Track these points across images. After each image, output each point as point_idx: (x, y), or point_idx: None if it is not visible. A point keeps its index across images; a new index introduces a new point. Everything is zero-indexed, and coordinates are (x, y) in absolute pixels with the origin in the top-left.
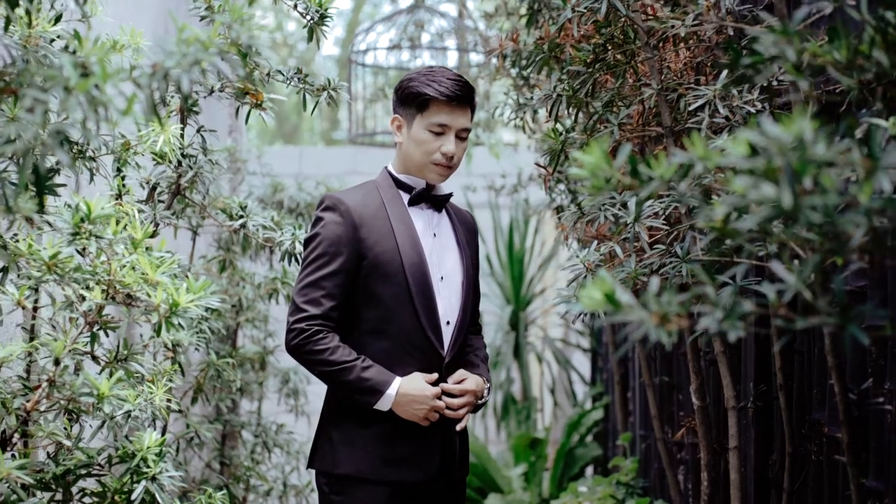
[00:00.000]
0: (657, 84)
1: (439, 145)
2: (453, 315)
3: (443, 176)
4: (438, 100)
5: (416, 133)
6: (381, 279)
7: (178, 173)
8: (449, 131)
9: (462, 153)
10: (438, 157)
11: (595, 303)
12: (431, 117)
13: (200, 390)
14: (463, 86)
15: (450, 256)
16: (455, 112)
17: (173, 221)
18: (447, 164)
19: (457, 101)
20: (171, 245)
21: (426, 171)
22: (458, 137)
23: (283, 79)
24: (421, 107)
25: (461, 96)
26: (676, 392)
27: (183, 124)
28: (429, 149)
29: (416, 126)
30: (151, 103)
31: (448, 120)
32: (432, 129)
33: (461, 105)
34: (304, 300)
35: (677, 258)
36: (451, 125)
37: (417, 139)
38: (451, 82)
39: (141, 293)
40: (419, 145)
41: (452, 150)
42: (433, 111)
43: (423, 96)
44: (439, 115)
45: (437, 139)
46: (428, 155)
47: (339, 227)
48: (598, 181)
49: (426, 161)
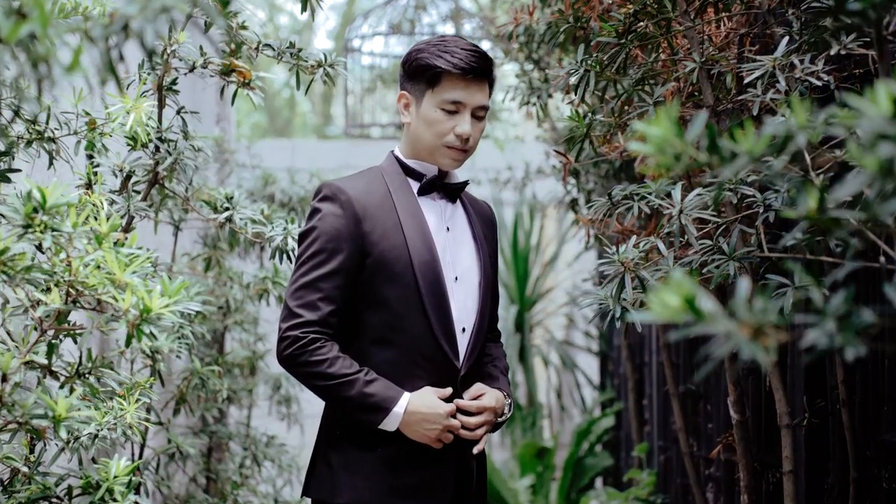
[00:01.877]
0: (699, 57)
1: (453, 125)
2: (469, 320)
3: (457, 161)
4: (452, 73)
5: (427, 112)
6: (386, 279)
7: (156, 160)
8: (464, 109)
9: (479, 135)
10: (452, 139)
11: (670, 311)
12: (444, 93)
13: (183, 401)
14: (480, 57)
15: (465, 253)
16: (471, 87)
17: (150, 214)
18: (462, 146)
19: (473, 74)
20: (152, 242)
21: (438, 155)
22: (474, 117)
23: (272, 54)
24: (432, 81)
25: (477, 69)
26: (704, 402)
27: (161, 105)
28: (441, 129)
29: (426, 103)
30: (108, 60)
31: (463, 96)
32: (445, 107)
33: (477, 79)
34: (298, 304)
35: (723, 255)
36: (467, 102)
37: (428, 118)
38: (466, 53)
39: (107, 296)
40: (430, 126)
41: (468, 130)
42: (446, 86)
43: (434, 69)
44: (453, 90)
45: (450, 118)
46: (440, 136)
47: (338, 219)
48: (666, 158)
49: (438, 143)
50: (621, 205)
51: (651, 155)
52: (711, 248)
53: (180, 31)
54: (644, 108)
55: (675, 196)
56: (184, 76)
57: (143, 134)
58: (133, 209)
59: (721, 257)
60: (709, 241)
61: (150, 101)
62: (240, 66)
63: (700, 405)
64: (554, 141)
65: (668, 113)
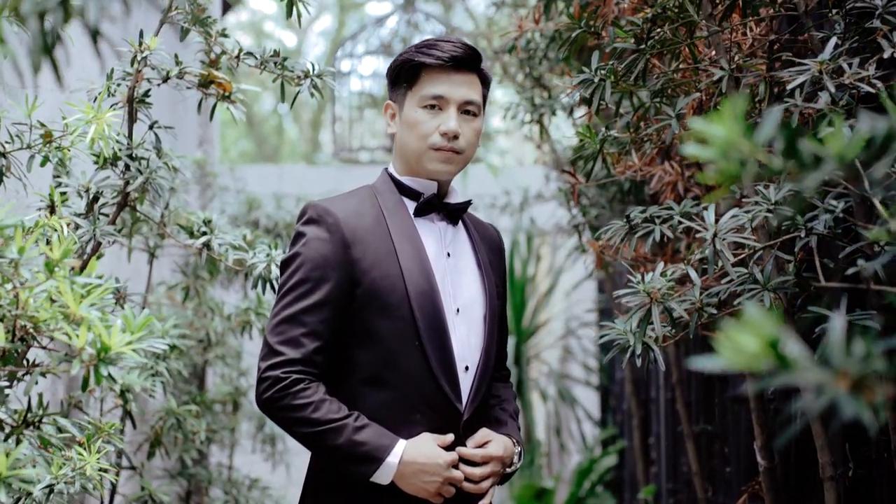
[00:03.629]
0: (728, 65)
1: (437, 124)
2: (473, 358)
3: (448, 164)
4: (431, 66)
5: (408, 113)
6: (379, 312)
7: (126, 180)
8: (447, 105)
9: (473, 135)
10: (437, 138)
11: (747, 356)
12: (423, 89)
13: (158, 443)
14: (463, 47)
15: (468, 282)
16: (454, 80)
17: (119, 239)
18: (451, 146)
19: (455, 64)
20: (126, 271)
21: (426, 160)
22: (463, 113)
23: (255, 63)
24: (411, 79)
25: (460, 58)
26: (721, 444)
27: (131, 119)
28: (424, 130)
29: (407, 105)
30: (42, 41)
31: (445, 90)
32: (426, 104)
33: (461, 71)
34: (279, 340)
35: (756, 284)
36: (450, 97)
37: (409, 120)
38: (448, 45)
39: (60, 333)
40: (412, 128)
41: (453, 126)
42: (425, 82)
43: (411, 63)
44: (433, 84)
45: (433, 117)
46: (423, 138)
47: (325, 244)
48: (731, 165)
49: (423, 147)
50: (640, 228)
51: (712, 160)
52: (746, 277)
53: (152, 37)
54: (665, 121)
55: (709, 218)
56: (159, 89)
57: (106, 148)
58: (100, 234)
59: (754, 286)
60: (744, 269)
61: (117, 113)
62: (219, 77)
63: (716, 447)
64: (555, 163)
65: (734, 108)
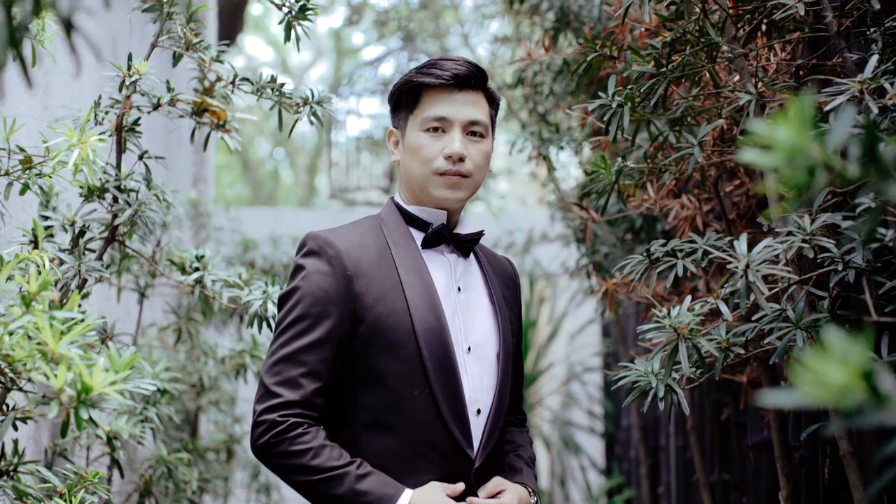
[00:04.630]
0: (754, 89)
1: (440, 147)
2: (486, 401)
3: (455, 189)
4: (432, 86)
5: (410, 139)
6: (384, 351)
7: (114, 212)
8: (451, 127)
9: (481, 158)
10: (441, 162)
11: (833, 391)
12: (425, 111)
13: (148, 493)
14: (466, 64)
15: (481, 319)
16: (457, 100)
17: (106, 275)
18: (457, 170)
19: (457, 83)
20: (115, 312)
21: (431, 187)
22: (469, 134)
23: (250, 89)
24: (411, 102)
25: (463, 76)
26: (740, 494)
27: (120, 148)
28: (427, 154)
29: (409, 130)
30: (9, 33)
31: (448, 111)
32: (428, 127)
33: (465, 90)
34: (276, 381)
35: (789, 323)
36: (453, 118)
37: (412, 146)
38: (449, 62)
39: (37, 373)
40: (415, 153)
41: (458, 148)
42: (426, 104)
43: (411, 85)
44: (435, 105)
45: (436, 140)
46: (427, 163)
47: (325, 278)
48: (798, 173)
49: (427, 172)
50: (662, 263)
51: (776, 168)
52: (777, 314)
53: (142, 60)
54: (687, 150)
55: (741, 248)
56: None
57: (91, 176)
58: (85, 270)
59: (786, 325)
60: (776, 305)
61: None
62: (213, 104)
63: (734, 497)
64: (560, 202)
65: (802, 108)
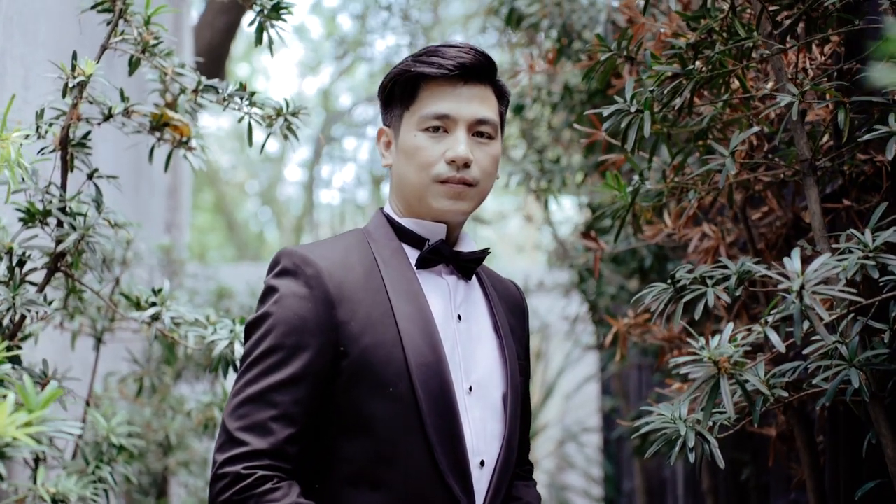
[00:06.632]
0: (796, 89)
1: (442, 150)
2: (490, 450)
3: (459, 200)
4: (432, 77)
5: (406, 139)
6: (371, 390)
7: (57, 238)
8: (454, 126)
9: (489, 163)
10: (442, 168)
11: None
12: (424, 108)
13: None
14: (472, 52)
15: (484, 353)
16: (462, 94)
17: (46, 309)
18: (459, 177)
19: (462, 74)
20: (71, 361)
21: (430, 197)
22: (475, 135)
23: (215, 98)
24: (407, 97)
25: (469, 66)
26: None
27: (66, 166)
28: (425, 158)
29: (403, 129)
30: None
31: (451, 107)
32: (427, 126)
33: (471, 83)
34: (242, 425)
35: (842, 361)
36: (457, 115)
37: (408, 147)
38: (453, 50)
39: None
40: (411, 156)
41: (463, 151)
42: (426, 98)
43: (407, 75)
44: (436, 100)
45: (437, 141)
46: (425, 169)
47: (303, 303)
48: None
49: (425, 180)
50: (689, 291)
51: None
52: (829, 350)
53: (88, 60)
54: (716, 163)
55: (793, 265)
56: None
57: (13, 179)
58: (21, 303)
59: (839, 363)
60: (827, 337)
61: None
62: (175, 118)
63: None
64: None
65: None
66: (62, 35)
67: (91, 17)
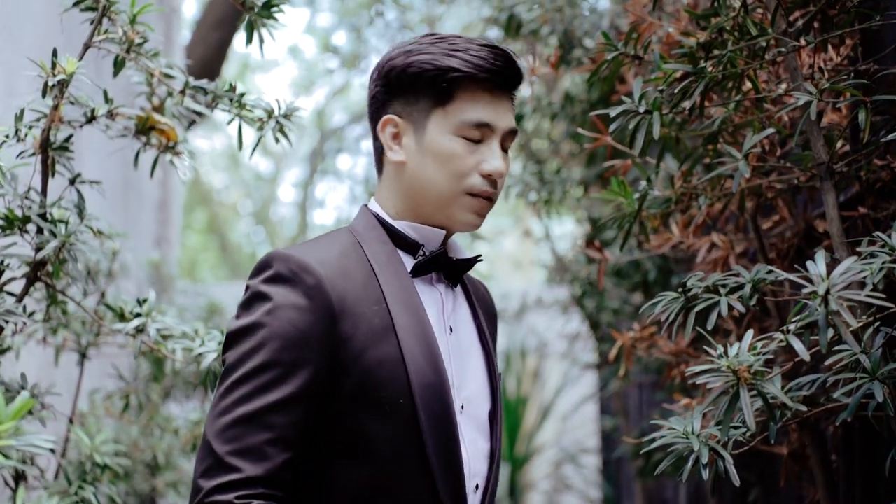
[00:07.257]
0: (814, 88)
1: (477, 161)
2: (481, 472)
3: (481, 216)
4: (475, 79)
5: (437, 141)
6: (371, 411)
7: (37, 246)
8: (491, 137)
9: (504, 180)
10: (476, 180)
11: None
12: (464, 112)
13: None
14: (507, 58)
15: (473, 367)
16: (499, 103)
17: (24, 320)
18: (490, 192)
19: (502, 81)
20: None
21: (455, 209)
22: (501, 149)
23: (204, 99)
24: (443, 94)
25: (507, 73)
26: None
27: (47, 170)
28: (461, 167)
29: (434, 129)
30: None
31: (492, 116)
32: (467, 134)
33: (505, 91)
34: (233, 449)
35: (865, 374)
36: (496, 125)
37: (441, 152)
38: (487, 51)
39: None
40: (445, 163)
41: (502, 166)
42: (466, 101)
43: (448, 74)
44: (477, 107)
45: (471, 151)
46: (459, 178)
47: (303, 316)
48: None
49: (456, 189)
50: (701, 300)
51: None
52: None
53: (69, 58)
54: (728, 166)
55: (818, 268)
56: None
57: None
58: None
59: (863, 376)
60: (848, 348)
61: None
62: (161, 121)
63: None
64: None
65: None
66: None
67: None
